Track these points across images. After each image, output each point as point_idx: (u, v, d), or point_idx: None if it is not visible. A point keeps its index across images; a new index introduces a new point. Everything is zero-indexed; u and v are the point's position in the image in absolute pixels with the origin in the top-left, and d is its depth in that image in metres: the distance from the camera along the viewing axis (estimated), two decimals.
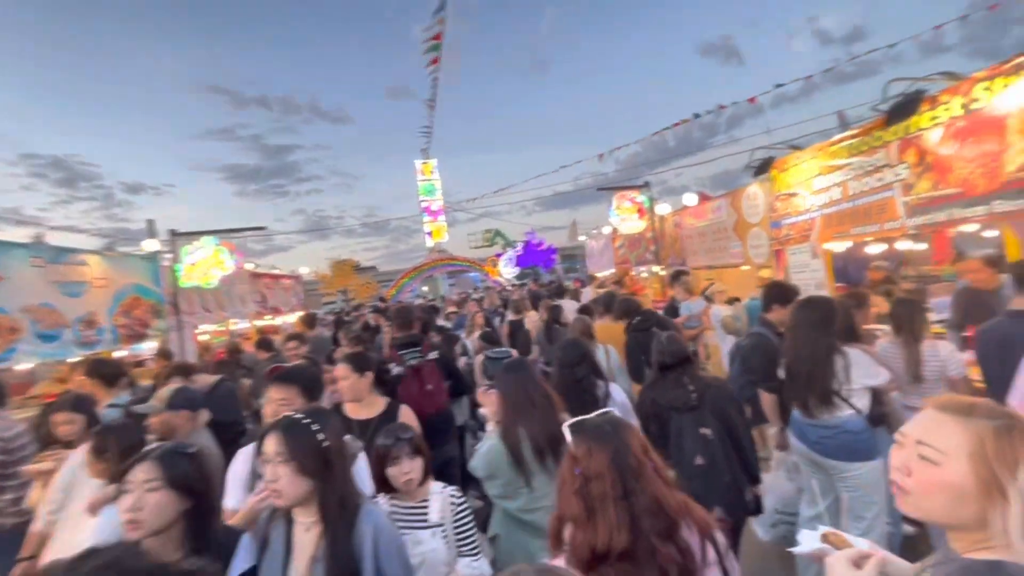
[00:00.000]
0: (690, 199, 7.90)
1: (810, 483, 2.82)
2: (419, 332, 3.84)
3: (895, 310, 2.99)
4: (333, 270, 26.52)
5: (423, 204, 25.03)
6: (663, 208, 9.10)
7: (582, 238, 15.76)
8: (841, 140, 4.66)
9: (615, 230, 11.12)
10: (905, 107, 3.46)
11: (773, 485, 3.34)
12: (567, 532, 1.20)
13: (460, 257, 25.10)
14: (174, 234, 7.01)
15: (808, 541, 1.07)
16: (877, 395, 2.60)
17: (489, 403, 2.25)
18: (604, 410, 1.42)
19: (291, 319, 11.35)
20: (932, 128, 3.68)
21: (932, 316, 3.34)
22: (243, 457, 2.01)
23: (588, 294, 9.71)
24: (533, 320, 6.34)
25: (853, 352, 2.51)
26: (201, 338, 8.64)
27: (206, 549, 1.41)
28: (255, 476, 1.84)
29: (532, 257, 24.52)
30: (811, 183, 5.18)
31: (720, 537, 1.25)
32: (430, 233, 25.11)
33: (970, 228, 3.61)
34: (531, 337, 5.69)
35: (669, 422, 2.47)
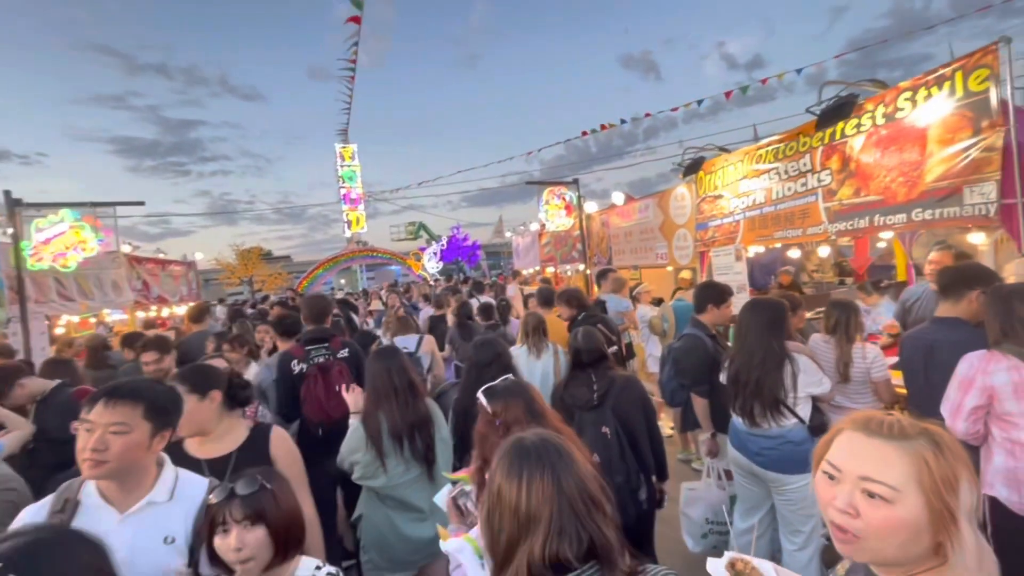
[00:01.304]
0: (618, 197, 7.86)
1: (745, 494, 2.69)
2: (331, 327, 3.34)
3: (831, 311, 2.96)
4: (239, 258, 24.29)
5: (342, 191, 23.58)
6: (591, 206, 9.04)
7: (508, 235, 15.54)
8: (768, 144, 4.70)
9: (542, 227, 10.97)
10: (838, 110, 3.48)
11: (704, 494, 3.22)
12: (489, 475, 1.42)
13: (381, 249, 23.97)
14: (15, 204, 5.72)
15: (716, 569, 0.99)
16: (816, 403, 2.50)
17: (352, 400, 2.32)
18: (506, 376, 1.73)
19: (181, 310, 10.01)
20: (855, 135, 3.74)
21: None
22: (28, 516, 1.32)
23: (512, 290, 9.48)
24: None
25: (801, 359, 2.39)
26: (59, 331, 7.28)
27: None
28: None
29: (456, 252, 24.01)
30: (736, 186, 5.23)
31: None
32: (349, 222, 23.72)
33: (887, 235, 3.71)
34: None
35: (572, 419, 2.42)
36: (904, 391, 2.73)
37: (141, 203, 6.75)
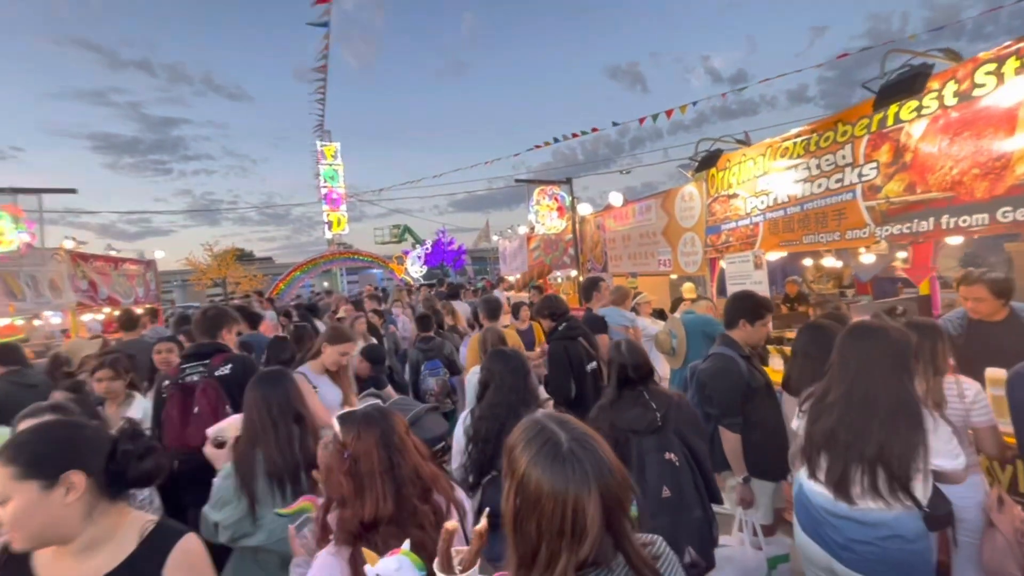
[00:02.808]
0: (615, 198, 7.22)
1: None
2: (223, 342, 2.72)
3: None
4: (213, 259, 23.23)
5: (323, 191, 22.66)
6: (584, 208, 8.39)
7: (495, 238, 14.87)
8: (798, 135, 4.07)
9: (530, 231, 10.30)
10: (907, 83, 2.82)
11: (735, 553, 2.58)
12: (331, 516, 1.29)
13: (363, 252, 23.04)
14: None
15: None
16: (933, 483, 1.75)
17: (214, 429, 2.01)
18: (372, 402, 1.50)
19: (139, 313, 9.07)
20: (915, 121, 3.12)
21: None
22: None
23: (499, 296, 8.80)
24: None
25: (934, 416, 1.67)
26: None
27: None
28: None
29: (441, 256, 23.29)
30: (754, 183, 4.60)
31: (460, 498, 1.44)
32: (329, 223, 22.79)
33: (954, 240, 3.08)
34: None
35: (627, 447, 2.02)
36: (1013, 440, 2.09)
37: (73, 191, 5.91)
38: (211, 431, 2.00)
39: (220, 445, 1.97)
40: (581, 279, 8.21)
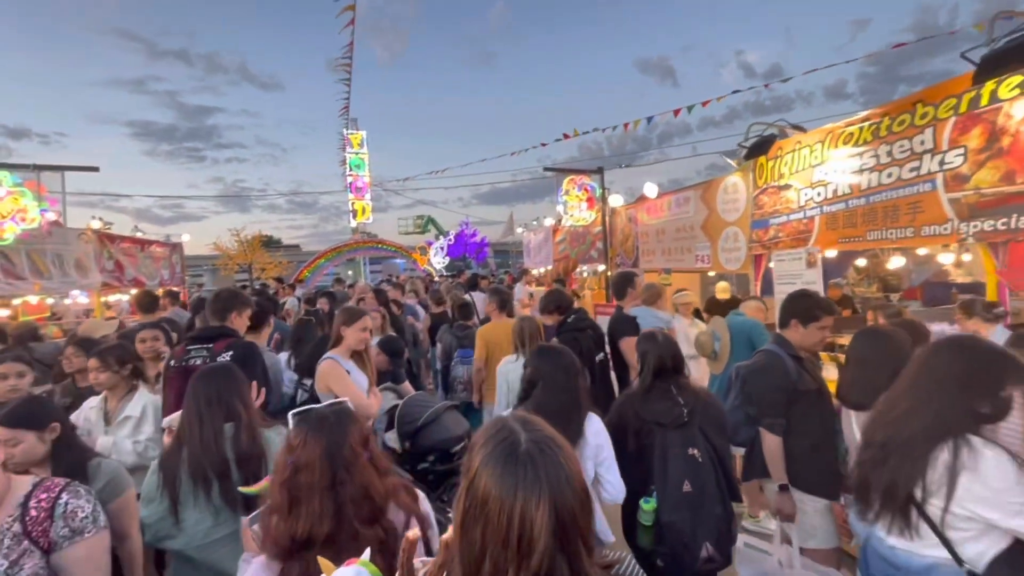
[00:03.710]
0: (650, 189, 6.83)
1: None
2: (229, 326, 2.59)
3: (1019, 349, 1.92)
4: (241, 244, 23.56)
5: (349, 179, 22.71)
6: (616, 200, 8.00)
7: (520, 230, 14.57)
8: (866, 118, 3.65)
9: (556, 223, 9.96)
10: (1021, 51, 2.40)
11: (762, 559, 2.33)
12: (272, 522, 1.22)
13: (387, 241, 23.04)
14: None
15: None
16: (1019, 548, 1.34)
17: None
18: (339, 400, 1.45)
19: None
20: (1017, 99, 2.70)
21: None
22: None
23: (519, 290, 8.53)
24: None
25: (989, 450, 1.28)
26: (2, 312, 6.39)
27: None
28: None
29: (464, 247, 23.14)
30: (809, 173, 4.19)
31: (424, 511, 1.33)
32: (354, 212, 22.84)
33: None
34: None
35: (650, 438, 2.07)
36: None
37: (95, 168, 5.83)
38: (166, 421, 1.88)
39: None
40: (609, 274, 7.86)
